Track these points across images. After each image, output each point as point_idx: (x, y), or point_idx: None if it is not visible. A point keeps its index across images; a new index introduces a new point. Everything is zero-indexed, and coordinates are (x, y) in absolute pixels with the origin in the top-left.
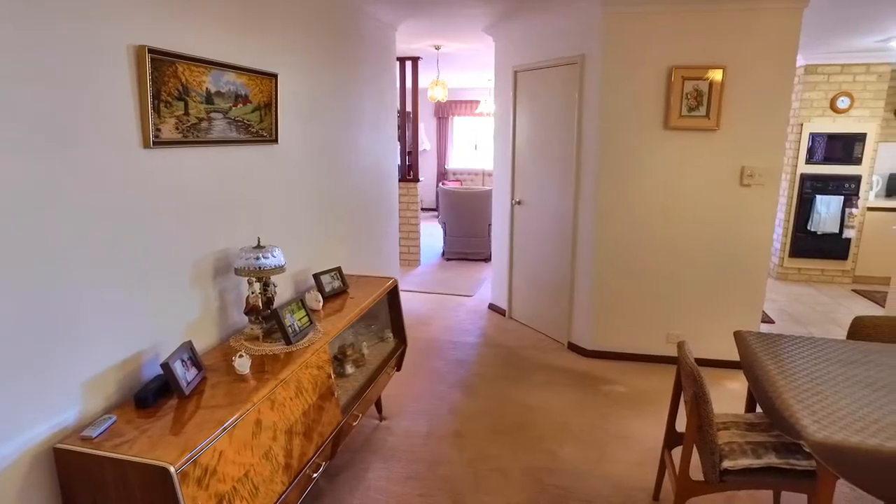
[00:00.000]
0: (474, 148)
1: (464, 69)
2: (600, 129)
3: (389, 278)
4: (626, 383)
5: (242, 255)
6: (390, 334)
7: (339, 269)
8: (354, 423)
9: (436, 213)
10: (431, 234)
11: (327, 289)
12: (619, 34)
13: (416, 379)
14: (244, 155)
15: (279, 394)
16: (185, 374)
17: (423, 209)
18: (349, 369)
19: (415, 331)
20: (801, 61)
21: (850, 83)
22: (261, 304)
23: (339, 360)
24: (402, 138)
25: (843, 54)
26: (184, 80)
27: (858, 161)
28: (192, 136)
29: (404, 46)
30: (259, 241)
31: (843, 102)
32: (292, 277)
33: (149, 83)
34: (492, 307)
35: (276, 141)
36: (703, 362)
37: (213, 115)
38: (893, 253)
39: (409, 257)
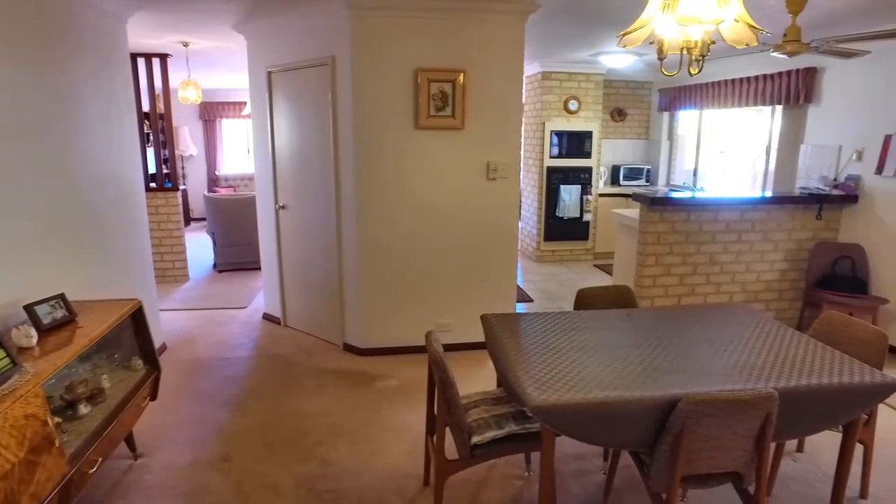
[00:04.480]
0: (247, 152)
1: (220, 69)
2: (355, 131)
3: (132, 300)
4: (399, 376)
5: None
6: (139, 361)
7: (62, 297)
8: (92, 470)
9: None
10: (205, 246)
11: (46, 320)
12: (367, 36)
13: (179, 405)
14: None
15: None
16: None
17: (193, 219)
18: (83, 409)
19: (178, 352)
20: (538, 68)
21: (576, 88)
22: None
23: (67, 401)
24: (155, 143)
25: (569, 63)
26: None
27: (589, 155)
28: None
29: (145, 41)
30: None
31: (573, 105)
32: None
33: None
34: (266, 317)
35: None
36: (470, 346)
37: None
38: (615, 232)
39: (176, 273)
